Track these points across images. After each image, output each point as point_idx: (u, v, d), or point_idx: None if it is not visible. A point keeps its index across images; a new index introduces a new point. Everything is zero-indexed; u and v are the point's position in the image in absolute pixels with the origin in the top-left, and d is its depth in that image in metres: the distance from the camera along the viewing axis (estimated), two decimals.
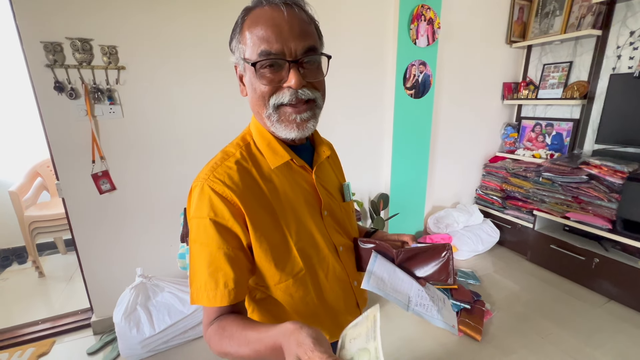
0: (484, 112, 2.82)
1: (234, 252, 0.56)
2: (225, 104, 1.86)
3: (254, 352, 0.48)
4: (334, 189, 0.73)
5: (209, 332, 0.56)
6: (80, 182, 1.64)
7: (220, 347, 0.52)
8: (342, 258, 0.70)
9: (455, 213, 2.71)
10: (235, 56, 0.61)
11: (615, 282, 2.05)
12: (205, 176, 0.58)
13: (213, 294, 0.55)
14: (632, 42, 2.14)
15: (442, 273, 0.63)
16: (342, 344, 0.41)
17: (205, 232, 0.56)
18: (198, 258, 0.56)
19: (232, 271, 0.55)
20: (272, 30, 0.53)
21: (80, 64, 1.52)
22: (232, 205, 0.56)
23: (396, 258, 0.67)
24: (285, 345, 0.41)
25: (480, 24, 2.54)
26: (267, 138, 0.63)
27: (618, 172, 2.00)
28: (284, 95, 0.55)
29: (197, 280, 0.56)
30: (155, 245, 1.86)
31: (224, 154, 0.62)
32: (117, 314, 1.56)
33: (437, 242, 0.67)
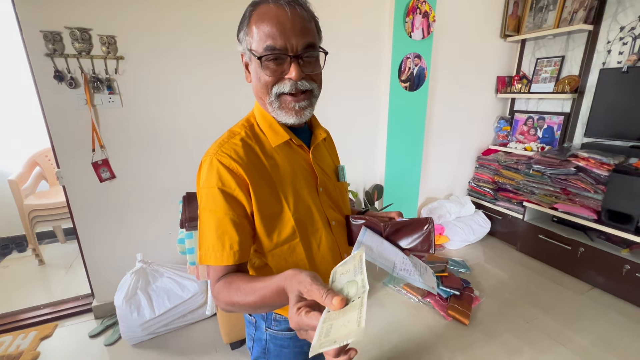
0: (477, 106, 2.87)
1: (239, 218, 0.63)
2: (225, 94, 1.89)
3: (260, 298, 0.53)
4: (329, 170, 0.80)
5: (216, 287, 0.61)
6: (81, 170, 1.67)
7: (229, 298, 0.58)
8: (334, 231, 0.76)
9: (448, 204, 2.77)
10: (242, 46, 0.66)
11: (599, 270, 2.14)
12: (213, 151, 0.64)
13: (220, 254, 0.61)
14: (621, 37, 2.19)
15: (425, 243, 0.70)
16: (332, 279, 0.46)
17: (213, 200, 0.62)
18: (207, 223, 0.63)
19: (237, 235, 0.62)
20: (277, 28, 0.59)
21: (80, 53, 1.54)
22: (238, 177, 0.62)
23: (383, 231, 0.73)
24: (287, 286, 0.47)
25: (475, 18, 2.57)
26: (269, 120, 0.70)
27: (604, 164, 2.07)
28: (285, 85, 0.62)
29: (206, 243, 0.62)
30: (155, 232, 1.91)
31: (230, 132, 0.69)
32: (118, 298, 1.62)
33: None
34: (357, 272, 0.42)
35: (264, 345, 0.79)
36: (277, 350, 0.79)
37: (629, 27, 2.14)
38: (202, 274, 1.46)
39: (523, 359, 1.61)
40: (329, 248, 0.75)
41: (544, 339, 1.73)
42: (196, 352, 1.66)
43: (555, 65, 2.59)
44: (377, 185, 2.52)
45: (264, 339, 0.78)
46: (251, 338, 0.82)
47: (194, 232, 1.38)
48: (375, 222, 0.75)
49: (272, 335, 0.78)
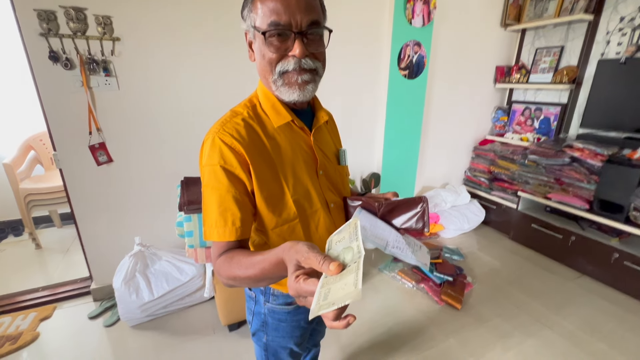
0: (476, 95, 2.87)
1: (241, 196, 0.64)
2: (226, 76, 1.87)
3: (260, 270, 0.55)
4: (330, 153, 0.81)
5: (218, 262, 0.63)
6: (77, 153, 1.67)
7: (230, 272, 0.59)
8: (332, 214, 0.78)
9: (444, 193, 2.81)
10: (246, 24, 0.65)
11: (588, 258, 2.19)
12: (216, 130, 0.65)
13: (222, 230, 0.63)
14: (621, 28, 2.18)
15: (419, 222, 0.71)
16: (329, 247, 0.48)
17: (215, 178, 0.63)
18: (209, 200, 0.64)
19: (239, 211, 0.63)
20: (282, 3, 0.58)
21: (75, 33, 1.51)
22: (239, 155, 0.63)
23: (378, 211, 0.75)
24: (286, 257, 0.48)
25: (476, 6, 2.55)
26: (272, 100, 0.70)
27: (598, 154, 2.10)
28: (289, 63, 0.62)
29: (209, 219, 0.64)
30: (152, 216, 1.92)
31: (232, 112, 0.69)
32: (117, 280, 1.63)
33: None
34: (352, 239, 0.44)
35: (262, 318, 0.82)
36: (275, 323, 0.82)
37: (629, 17, 2.13)
38: (200, 257, 1.47)
39: (512, 342, 1.67)
40: (327, 230, 0.76)
41: (532, 324, 1.79)
42: (194, 333, 1.69)
43: (555, 55, 2.59)
44: (374, 173, 2.53)
45: (263, 313, 0.81)
46: (251, 312, 0.85)
47: (192, 215, 1.39)
48: (371, 202, 0.77)
49: (271, 309, 0.80)
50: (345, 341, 1.67)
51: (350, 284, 0.35)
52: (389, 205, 0.75)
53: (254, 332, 0.86)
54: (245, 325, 1.74)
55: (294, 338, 0.84)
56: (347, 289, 0.35)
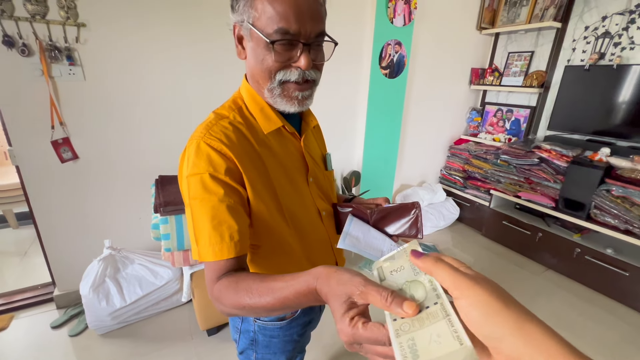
0: (452, 96, 2.95)
1: (236, 205, 0.57)
2: (204, 67, 1.78)
3: (279, 299, 0.46)
4: (318, 158, 0.78)
5: (217, 287, 0.53)
6: (38, 149, 1.52)
7: (236, 301, 0.50)
8: (324, 222, 0.75)
9: (421, 191, 2.87)
10: (237, 16, 0.58)
11: (553, 253, 2.33)
12: (200, 134, 0.58)
13: (219, 247, 0.54)
14: (586, 36, 2.32)
15: (413, 228, 0.69)
16: (381, 276, 0.39)
17: (204, 188, 0.55)
18: (199, 214, 0.56)
19: (235, 223, 0.56)
20: (292, 9, 0.53)
21: (33, 16, 1.37)
22: (230, 161, 0.57)
23: (370, 218, 0.72)
24: (323, 288, 0.40)
25: (454, 8, 2.60)
26: (260, 103, 0.64)
27: (564, 156, 2.23)
28: (291, 73, 0.58)
29: (202, 236, 0.55)
30: (124, 216, 1.80)
31: (217, 115, 0.62)
32: (85, 287, 1.52)
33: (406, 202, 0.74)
34: (416, 270, 0.36)
35: (252, 336, 0.77)
36: (266, 340, 0.77)
37: (593, 27, 2.27)
38: (177, 260, 1.40)
39: None
40: (320, 239, 0.74)
41: None
42: (170, 339, 1.62)
43: (525, 60, 2.71)
44: (354, 171, 2.54)
45: (252, 330, 0.76)
46: (237, 330, 0.79)
47: (169, 217, 1.32)
48: (362, 209, 0.75)
49: (262, 326, 0.76)
50: (327, 341, 1.67)
51: (448, 337, 0.28)
52: (381, 212, 0.73)
53: (242, 351, 0.81)
54: (225, 328, 1.68)
55: (286, 352, 0.80)
56: (446, 343, 0.27)
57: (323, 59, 0.63)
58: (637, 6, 2.06)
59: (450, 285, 0.31)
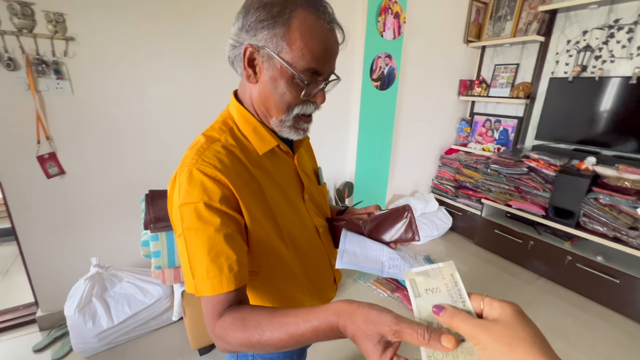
0: (441, 107, 3.01)
1: (233, 234, 0.55)
2: (194, 81, 1.77)
3: (293, 337, 0.44)
4: (310, 173, 0.77)
5: (220, 325, 0.50)
6: (23, 164, 1.47)
7: (244, 338, 0.48)
8: (322, 238, 0.74)
9: (414, 201, 2.88)
10: (254, 40, 0.55)
11: (545, 261, 2.36)
12: (192, 160, 0.55)
13: (218, 281, 0.51)
14: (568, 49, 2.40)
15: (408, 232, 0.68)
16: (415, 291, 0.37)
17: (199, 217, 0.53)
18: (195, 246, 0.53)
19: (234, 253, 0.53)
20: (325, 52, 0.56)
21: (20, 30, 1.34)
22: (226, 188, 0.55)
23: (364, 229, 0.71)
24: (349, 326, 0.39)
25: (441, 22, 2.67)
26: (253, 123, 0.63)
27: (552, 165, 2.27)
28: (309, 108, 0.61)
29: (199, 270, 0.52)
30: (113, 233, 1.75)
31: (208, 138, 0.59)
32: (69, 307, 1.46)
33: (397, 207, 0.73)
34: (454, 296, 0.35)
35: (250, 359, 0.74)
36: None
37: (575, 40, 2.36)
38: (168, 278, 1.36)
39: None
40: (318, 257, 0.72)
41: None
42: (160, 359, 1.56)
43: (511, 72, 2.79)
44: (347, 182, 2.54)
45: (250, 355, 0.73)
46: (233, 355, 0.76)
47: (159, 233, 1.28)
48: (355, 221, 0.73)
49: (262, 355, 0.73)
50: (321, 357, 1.63)
51: None
52: (374, 220, 0.72)
53: None
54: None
55: None
56: None
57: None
58: (616, 21, 2.15)
59: (468, 335, 0.33)
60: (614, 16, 2.16)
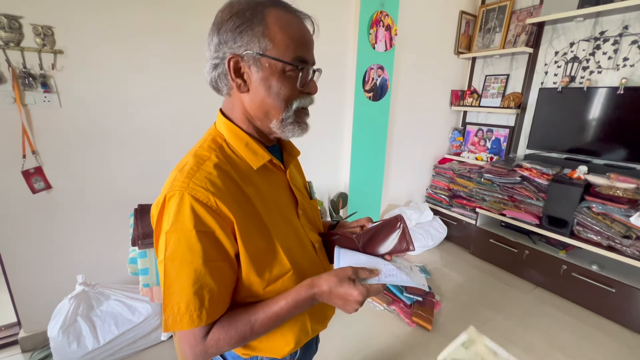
0: (434, 117, 3.03)
1: (221, 264, 0.54)
2: (184, 93, 1.75)
3: (278, 314, 0.56)
4: (302, 188, 0.76)
5: (209, 343, 0.54)
6: (7, 179, 1.43)
7: (237, 335, 0.54)
8: (319, 254, 0.72)
9: (409, 211, 2.87)
10: (236, 48, 0.55)
11: (540, 270, 2.35)
12: (183, 184, 0.52)
13: (198, 314, 0.51)
14: (556, 60, 2.45)
15: (402, 242, 0.67)
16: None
17: (188, 248, 0.51)
18: (177, 278, 0.51)
19: (217, 287, 0.53)
20: (305, 40, 0.57)
21: (7, 43, 1.32)
22: (218, 215, 0.52)
23: (358, 243, 0.70)
24: (322, 284, 0.56)
25: (432, 34, 2.71)
26: (244, 139, 0.61)
27: (544, 174, 2.29)
28: (306, 100, 0.60)
29: (176, 303, 0.51)
30: (100, 249, 1.70)
31: (197, 158, 0.57)
32: (53, 328, 1.40)
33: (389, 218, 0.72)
34: None
35: None
36: None
37: (562, 52, 2.41)
38: (157, 295, 1.31)
39: None
40: (317, 273, 0.70)
41: (498, 339, 1.84)
42: None
43: (502, 82, 2.83)
44: (341, 193, 2.52)
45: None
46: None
47: (148, 250, 1.24)
48: (348, 235, 0.72)
49: None
50: None
51: None
52: (367, 233, 0.71)
53: None
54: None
55: None
56: None
57: None
58: (601, 33, 2.20)
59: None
60: (599, 28, 2.21)
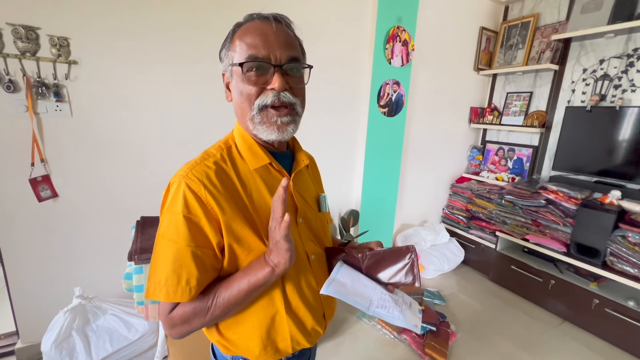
0: (452, 134, 2.92)
1: (202, 250, 0.57)
2: (195, 109, 1.74)
3: (239, 290, 0.58)
4: (310, 198, 0.74)
5: (173, 317, 0.58)
6: (15, 186, 1.43)
7: (201, 307, 0.58)
8: (313, 266, 0.70)
9: (423, 232, 2.73)
10: (223, 64, 0.64)
11: (569, 303, 2.15)
12: (183, 173, 0.59)
13: (173, 290, 0.56)
14: (584, 78, 2.32)
15: (409, 275, 0.65)
16: None
17: (175, 229, 0.56)
18: (163, 252, 0.57)
19: (196, 270, 0.56)
20: (260, 38, 0.58)
21: (23, 54, 1.34)
22: (206, 206, 0.57)
23: (362, 263, 0.69)
24: (272, 255, 0.57)
25: (450, 50, 2.64)
26: (249, 141, 0.65)
27: (572, 198, 2.12)
28: (267, 97, 0.59)
29: (158, 275, 0.56)
30: (102, 261, 1.67)
31: (204, 154, 0.64)
32: (47, 342, 1.35)
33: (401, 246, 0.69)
34: None
35: None
36: None
37: (591, 69, 2.27)
38: (152, 314, 1.25)
39: None
40: (308, 286, 0.68)
41: None
42: None
43: (524, 100, 2.70)
44: (353, 210, 2.43)
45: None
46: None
47: (144, 266, 1.19)
48: (354, 254, 0.70)
49: None
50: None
51: None
52: (374, 256, 0.68)
53: None
54: None
55: None
56: None
57: (302, 84, 0.64)
58: (635, 50, 2.06)
59: None
60: (632, 45, 2.08)
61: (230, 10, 1.71)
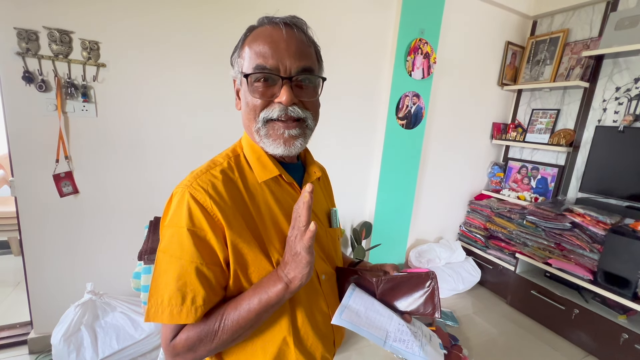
0: (472, 149, 2.83)
1: (208, 267, 0.53)
2: (214, 111, 1.77)
3: (249, 310, 0.52)
4: (321, 213, 0.71)
5: (177, 343, 0.53)
6: (39, 181, 1.49)
7: (208, 329, 0.52)
8: (323, 287, 0.65)
9: (438, 248, 2.64)
10: (234, 70, 0.62)
11: (594, 336, 2.00)
12: (188, 183, 0.55)
13: (177, 310, 0.51)
14: (617, 97, 2.20)
15: (428, 305, 0.59)
16: None
17: (179, 243, 0.52)
18: (165, 271, 0.52)
19: (202, 288, 0.52)
20: (269, 47, 0.54)
21: (56, 56, 1.41)
22: (212, 218, 0.53)
23: (377, 288, 0.63)
24: (287, 269, 0.52)
25: (474, 64, 2.59)
26: (258, 152, 0.62)
27: (601, 222, 2.00)
28: (274, 110, 0.56)
29: (160, 294, 0.52)
30: (116, 258, 1.70)
31: (211, 162, 0.60)
32: (57, 335, 1.38)
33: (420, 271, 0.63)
34: None
35: None
36: None
37: (625, 88, 2.16)
38: None
39: None
40: (318, 309, 0.63)
41: None
42: None
43: (551, 117, 2.60)
44: (365, 222, 2.38)
45: None
46: None
47: (152, 266, 1.20)
48: (368, 277, 0.64)
49: None
50: None
51: None
52: (390, 281, 0.63)
53: None
54: None
55: None
56: None
57: (314, 97, 0.60)
58: None
59: None
60: None
61: (253, 12, 1.74)
